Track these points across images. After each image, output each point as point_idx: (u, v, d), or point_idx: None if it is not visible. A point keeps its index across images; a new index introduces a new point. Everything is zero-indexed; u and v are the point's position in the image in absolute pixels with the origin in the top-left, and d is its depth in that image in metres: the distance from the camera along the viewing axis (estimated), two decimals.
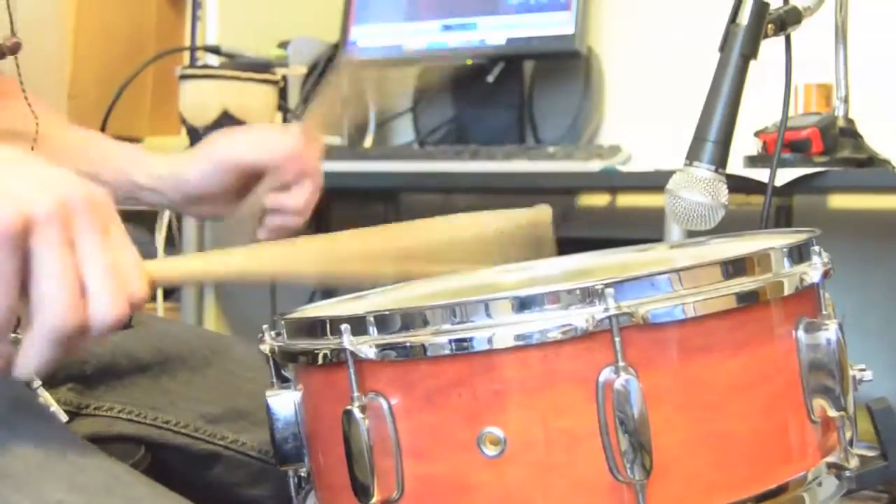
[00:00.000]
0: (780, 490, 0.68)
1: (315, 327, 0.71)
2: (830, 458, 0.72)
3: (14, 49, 1.01)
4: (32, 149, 1.00)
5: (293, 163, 1.01)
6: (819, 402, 0.71)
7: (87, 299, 0.61)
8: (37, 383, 0.81)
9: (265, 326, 0.78)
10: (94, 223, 0.61)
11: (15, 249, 0.58)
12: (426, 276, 0.89)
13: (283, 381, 0.76)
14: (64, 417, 0.84)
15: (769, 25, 0.94)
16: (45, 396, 0.81)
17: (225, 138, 1.04)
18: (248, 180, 1.01)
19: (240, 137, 1.04)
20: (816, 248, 0.74)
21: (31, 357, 0.61)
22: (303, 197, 1.01)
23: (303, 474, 0.77)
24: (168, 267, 0.73)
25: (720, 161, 0.91)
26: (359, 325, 0.67)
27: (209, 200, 1.01)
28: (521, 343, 0.64)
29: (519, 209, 0.96)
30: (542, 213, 0.96)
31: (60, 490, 0.63)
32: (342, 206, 2.38)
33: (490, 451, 0.65)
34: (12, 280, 0.59)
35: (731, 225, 0.90)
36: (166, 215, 2.03)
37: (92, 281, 0.61)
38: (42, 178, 0.61)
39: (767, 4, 0.94)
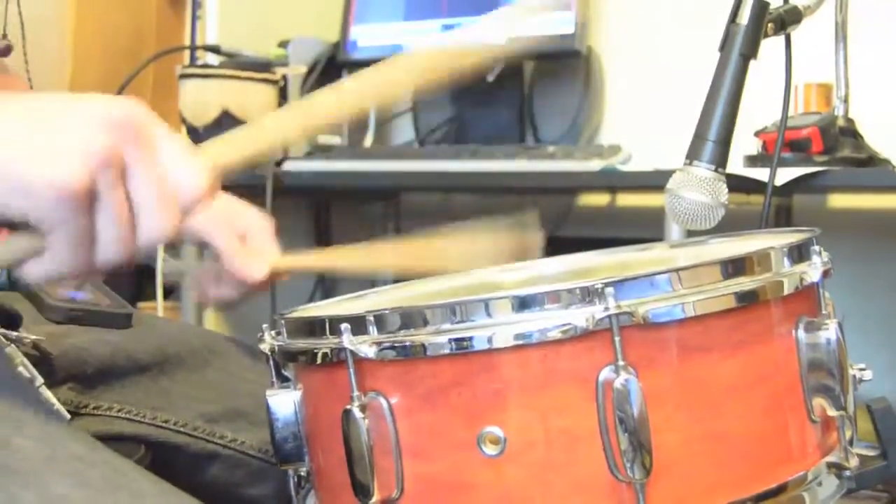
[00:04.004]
0: (780, 490, 0.68)
1: (315, 327, 0.71)
2: (830, 458, 0.72)
3: (5, 52, 1.01)
4: None
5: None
6: (819, 402, 0.71)
7: (137, 220, 0.61)
8: (38, 381, 0.81)
9: (265, 326, 0.78)
10: (141, 144, 0.60)
11: (84, 204, 0.58)
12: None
13: (283, 381, 0.76)
14: (66, 416, 0.84)
15: (769, 25, 0.94)
16: (47, 395, 0.81)
17: (214, 214, 1.01)
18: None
19: (228, 222, 1.02)
20: (816, 247, 0.74)
21: (90, 275, 0.62)
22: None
23: (303, 474, 0.77)
24: (222, 153, 0.71)
25: (720, 160, 0.91)
26: (358, 324, 0.67)
27: None
28: (520, 342, 0.64)
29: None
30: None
31: (66, 486, 0.63)
32: (342, 205, 2.39)
33: (490, 450, 0.65)
34: (86, 232, 0.59)
35: (731, 225, 0.90)
36: None
37: (142, 202, 0.60)
38: (82, 117, 0.59)
39: (767, 4, 0.94)
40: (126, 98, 0.62)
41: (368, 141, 2.25)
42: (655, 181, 1.01)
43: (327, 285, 2.32)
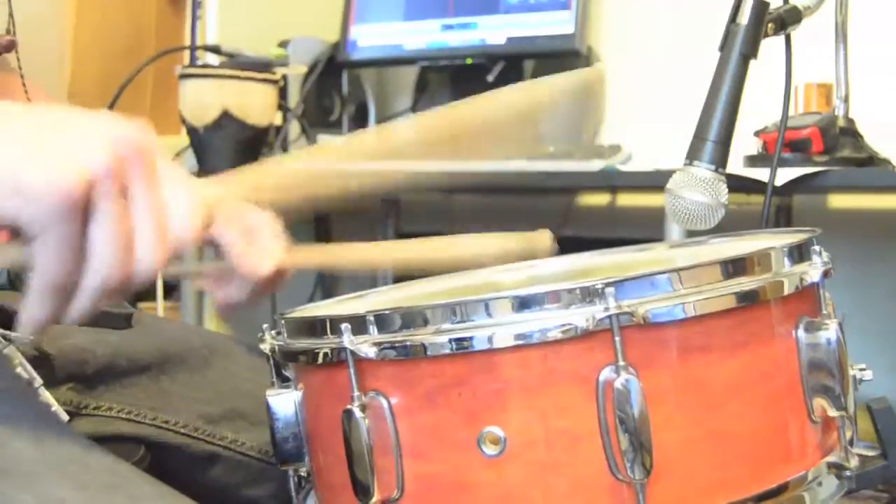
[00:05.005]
0: (780, 490, 0.68)
1: (315, 327, 0.71)
2: (830, 458, 0.72)
3: (9, 47, 1.01)
4: None
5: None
6: (819, 402, 0.71)
7: (135, 248, 0.60)
8: (38, 382, 0.81)
9: (265, 326, 0.78)
10: (143, 168, 0.60)
11: (78, 212, 0.57)
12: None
13: (284, 381, 0.76)
14: (65, 417, 0.84)
15: (769, 25, 0.94)
16: (46, 396, 0.81)
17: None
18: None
19: (234, 219, 1.02)
20: (816, 247, 0.74)
21: (75, 308, 0.60)
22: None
23: (303, 474, 0.77)
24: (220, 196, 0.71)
25: (720, 161, 0.91)
26: (359, 324, 0.67)
27: None
28: (521, 342, 0.64)
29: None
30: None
31: (64, 488, 0.63)
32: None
33: (490, 450, 0.65)
34: (75, 242, 0.58)
35: (731, 225, 0.90)
36: None
37: (139, 230, 0.60)
38: (88, 129, 0.59)
39: (767, 4, 0.94)
40: (135, 123, 0.61)
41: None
42: (655, 181, 1.01)
43: (327, 285, 2.32)
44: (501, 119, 0.85)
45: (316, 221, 2.37)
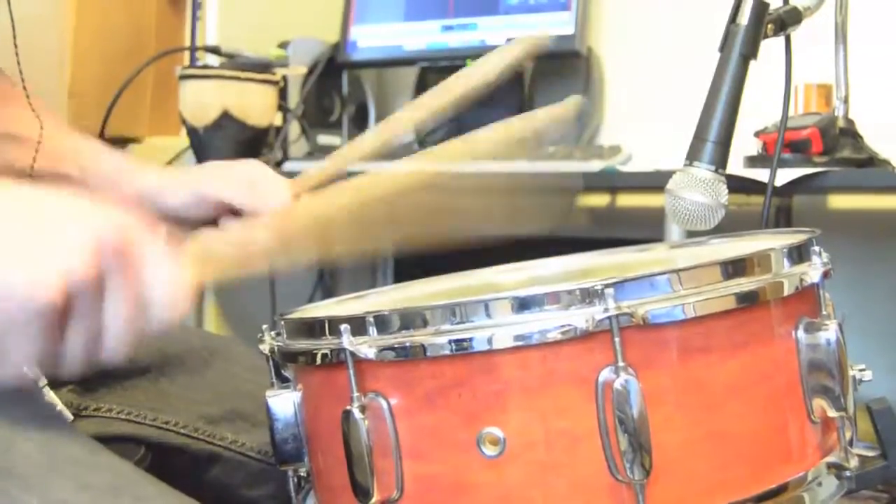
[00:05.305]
0: (780, 490, 0.68)
1: (315, 327, 0.71)
2: (830, 458, 0.72)
3: None
4: (34, 156, 1.00)
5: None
6: (819, 402, 0.71)
7: (103, 335, 0.62)
8: (42, 382, 0.81)
9: (265, 326, 0.78)
10: (123, 264, 0.62)
11: (57, 316, 0.60)
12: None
13: (283, 382, 0.76)
14: (69, 417, 0.84)
15: (769, 25, 0.94)
16: (51, 396, 0.81)
17: (217, 174, 1.02)
18: (226, 213, 1.01)
19: (232, 177, 1.02)
20: (816, 248, 0.74)
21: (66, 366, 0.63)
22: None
23: (302, 474, 0.77)
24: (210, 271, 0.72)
25: (720, 161, 0.91)
26: (358, 325, 0.67)
27: (181, 223, 1.01)
28: (520, 343, 0.64)
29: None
30: (570, 105, 0.96)
31: (68, 489, 0.63)
32: None
33: (490, 451, 0.65)
34: (54, 336, 0.61)
35: (731, 225, 0.90)
36: None
37: (110, 325, 0.62)
38: (72, 226, 0.61)
39: (767, 4, 0.94)
40: (121, 214, 0.63)
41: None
42: (655, 182, 1.01)
43: (327, 285, 2.32)
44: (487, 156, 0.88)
45: None
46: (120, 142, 2.05)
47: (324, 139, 2.12)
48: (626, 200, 2.09)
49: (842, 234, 1.83)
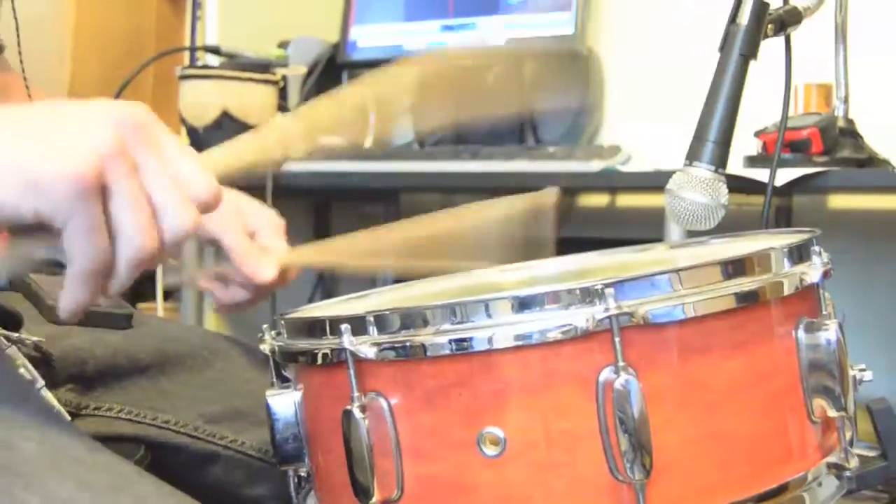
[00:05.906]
0: (780, 490, 0.68)
1: (315, 327, 0.71)
2: (830, 458, 0.72)
3: None
4: None
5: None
6: (819, 402, 0.71)
7: (158, 217, 0.61)
8: (39, 384, 0.81)
9: (265, 326, 0.78)
10: (149, 143, 0.61)
11: (95, 195, 0.58)
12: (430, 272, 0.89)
13: (284, 381, 0.76)
14: (67, 417, 0.84)
15: (769, 25, 0.94)
16: (48, 397, 0.81)
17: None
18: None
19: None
20: (816, 248, 0.74)
21: (114, 285, 0.62)
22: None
23: (303, 474, 0.77)
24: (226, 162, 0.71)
25: (720, 161, 0.91)
26: (359, 325, 0.67)
27: None
28: (520, 343, 0.64)
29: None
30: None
31: (68, 488, 0.63)
32: (342, 206, 2.39)
33: (490, 450, 0.65)
34: (101, 223, 0.59)
35: (731, 225, 0.90)
36: None
37: (159, 199, 0.61)
38: (89, 115, 0.61)
39: (767, 4, 0.94)
40: (130, 102, 0.63)
41: (368, 141, 2.24)
42: (655, 182, 1.01)
43: (327, 285, 2.32)
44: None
45: (316, 220, 2.37)
46: None
47: (324, 140, 2.12)
48: (626, 200, 2.09)
49: (842, 234, 1.83)
